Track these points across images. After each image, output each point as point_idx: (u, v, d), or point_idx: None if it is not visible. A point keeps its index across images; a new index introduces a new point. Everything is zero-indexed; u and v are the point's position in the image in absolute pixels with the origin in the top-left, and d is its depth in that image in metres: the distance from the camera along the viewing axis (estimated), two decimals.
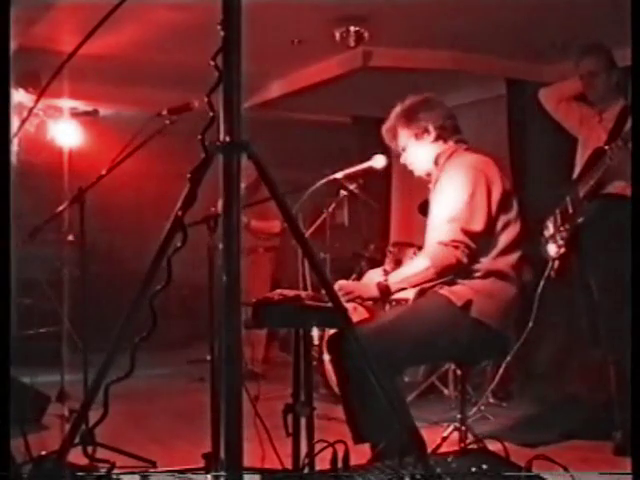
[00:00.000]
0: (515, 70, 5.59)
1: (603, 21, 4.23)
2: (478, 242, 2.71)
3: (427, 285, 2.77)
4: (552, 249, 3.62)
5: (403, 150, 2.98)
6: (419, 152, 2.95)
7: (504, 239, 2.80)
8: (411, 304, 2.81)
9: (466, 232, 2.69)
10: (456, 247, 2.67)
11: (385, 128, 3.00)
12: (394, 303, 3.01)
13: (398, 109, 2.97)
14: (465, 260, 2.68)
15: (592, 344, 3.71)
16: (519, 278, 2.86)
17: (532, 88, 5.66)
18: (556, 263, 3.59)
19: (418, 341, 2.67)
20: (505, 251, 2.80)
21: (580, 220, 3.52)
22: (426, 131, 2.92)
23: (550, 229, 3.66)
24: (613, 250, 3.39)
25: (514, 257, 2.82)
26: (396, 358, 2.57)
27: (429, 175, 3.00)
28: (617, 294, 3.43)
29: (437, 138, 2.92)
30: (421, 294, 2.80)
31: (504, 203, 2.79)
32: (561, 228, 3.60)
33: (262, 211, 4.78)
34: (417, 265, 2.77)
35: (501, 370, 3.95)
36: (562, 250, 3.58)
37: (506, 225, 2.80)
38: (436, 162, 2.94)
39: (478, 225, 2.71)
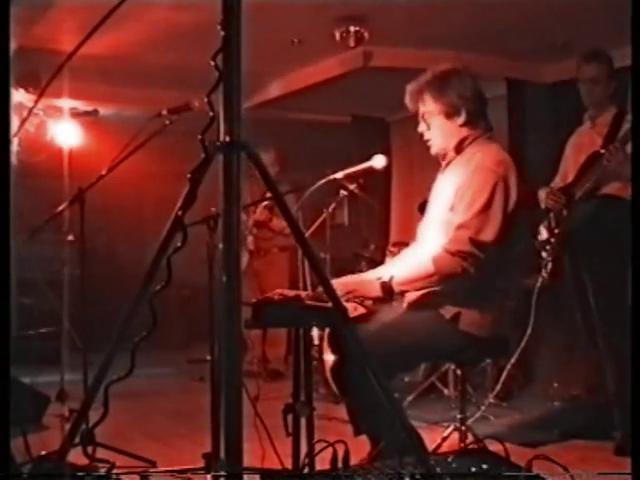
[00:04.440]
0: (515, 70, 5.60)
1: (603, 21, 4.23)
2: (487, 251, 2.58)
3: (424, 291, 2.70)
4: (546, 253, 3.63)
5: (423, 119, 2.80)
6: (443, 131, 2.78)
7: (507, 255, 2.70)
8: (402, 314, 2.73)
9: (475, 242, 2.57)
10: (463, 258, 2.57)
11: (411, 89, 2.79)
12: (395, 303, 2.96)
13: (429, 74, 2.76)
14: (472, 270, 2.57)
15: (589, 344, 3.71)
16: (516, 290, 2.80)
17: (532, 88, 5.70)
18: (549, 267, 3.60)
19: (406, 351, 2.61)
20: (505, 267, 2.71)
21: (575, 222, 3.53)
22: (457, 112, 2.72)
23: (543, 234, 3.66)
24: (608, 250, 3.41)
25: (514, 273, 2.75)
26: (384, 365, 2.52)
27: (444, 153, 2.84)
28: (612, 294, 3.45)
29: (466, 123, 2.74)
30: (413, 304, 2.71)
31: (515, 217, 2.64)
32: (555, 231, 3.61)
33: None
34: (423, 270, 2.67)
35: (503, 376, 3.95)
36: (555, 254, 3.59)
37: (513, 240, 2.68)
38: (457, 146, 2.78)
39: (489, 235, 2.58)
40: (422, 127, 2.82)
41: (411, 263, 2.83)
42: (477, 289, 2.63)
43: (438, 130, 2.79)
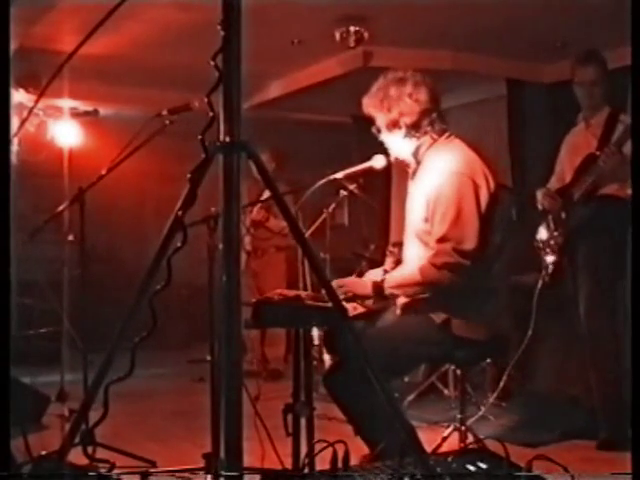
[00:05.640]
0: (515, 70, 5.60)
1: (603, 21, 4.23)
2: (472, 257, 2.56)
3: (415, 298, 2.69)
4: (546, 255, 3.63)
5: (378, 131, 2.81)
6: (391, 142, 2.80)
7: (492, 254, 2.68)
8: (395, 318, 2.73)
9: (459, 252, 2.55)
10: (450, 270, 2.55)
11: (363, 102, 2.79)
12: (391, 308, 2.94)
13: (374, 87, 2.75)
14: (459, 279, 2.56)
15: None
16: (508, 288, 2.78)
17: (532, 88, 5.69)
18: (550, 268, 3.60)
19: (399, 355, 2.59)
20: (493, 266, 2.69)
21: (574, 224, 3.53)
22: (396, 126, 2.71)
23: (543, 234, 3.66)
24: (606, 250, 3.42)
25: (498, 268, 2.71)
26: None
27: (405, 162, 2.84)
28: (607, 296, 3.46)
29: (407, 134, 2.71)
30: (405, 309, 2.71)
31: (491, 212, 2.61)
32: (555, 233, 3.61)
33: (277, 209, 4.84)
34: (411, 278, 2.67)
35: (504, 377, 3.95)
36: (556, 255, 3.59)
37: (493, 236, 2.65)
38: (414, 154, 2.77)
39: (470, 243, 2.55)
40: (380, 137, 2.83)
41: (402, 268, 2.83)
42: (465, 293, 2.61)
43: (387, 141, 2.80)
